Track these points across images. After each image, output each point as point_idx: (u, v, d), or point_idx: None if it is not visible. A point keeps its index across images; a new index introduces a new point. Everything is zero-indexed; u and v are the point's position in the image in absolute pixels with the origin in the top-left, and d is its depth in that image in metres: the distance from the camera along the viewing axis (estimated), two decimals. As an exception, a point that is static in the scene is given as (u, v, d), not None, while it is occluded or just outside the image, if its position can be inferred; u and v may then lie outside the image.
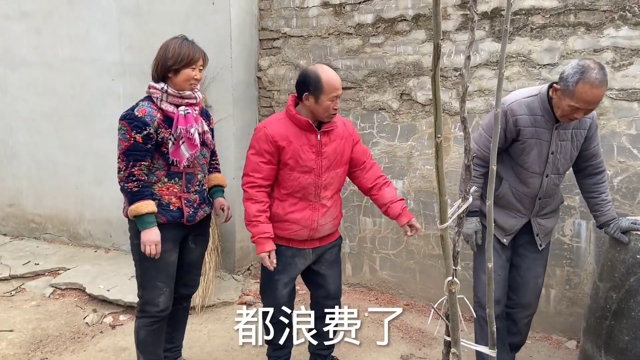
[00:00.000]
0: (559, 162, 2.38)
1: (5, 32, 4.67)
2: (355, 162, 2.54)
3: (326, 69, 2.29)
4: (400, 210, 2.47)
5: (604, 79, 2.11)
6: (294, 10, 3.88)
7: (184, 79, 2.33)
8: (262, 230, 2.33)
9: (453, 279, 1.74)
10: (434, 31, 1.59)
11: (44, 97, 4.62)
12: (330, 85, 2.25)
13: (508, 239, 2.51)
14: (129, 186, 2.30)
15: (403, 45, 3.49)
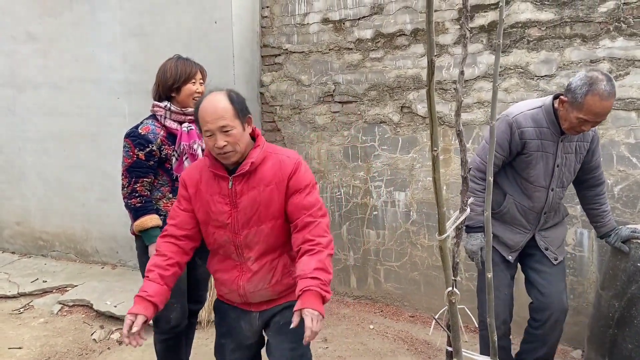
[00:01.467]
0: (564, 175, 2.36)
1: (13, 54, 4.77)
2: (288, 218, 1.91)
3: (210, 96, 1.84)
4: (300, 290, 1.71)
5: (613, 91, 2.09)
6: (294, 27, 3.95)
7: (187, 95, 2.43)
8: (142, 288, 1.83)
9: (453, 290, 1.76)
10: (427, 47, 1.64)
11: (50, 117, 4.70)
12: (200, 118, 1.81)
13: (513, 255, 2.47)
14: (132, 202, 2.37)
15: (402, 60, 3.54)
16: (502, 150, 2.36)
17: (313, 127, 3.96)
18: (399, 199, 3.66)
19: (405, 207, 3.64)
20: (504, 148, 2.35)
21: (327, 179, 3.95)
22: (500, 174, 2.45)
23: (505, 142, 2.34)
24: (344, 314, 3.69)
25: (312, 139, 3.98)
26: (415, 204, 3.60)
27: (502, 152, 2.36)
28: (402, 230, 3.68)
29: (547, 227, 2.46)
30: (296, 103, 4.01)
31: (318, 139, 3.95)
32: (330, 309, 3.79)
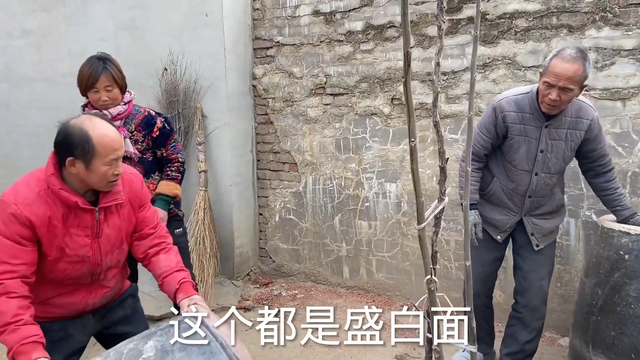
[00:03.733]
0: (550, 162, 2.39)
1: (7, 49, 4.79)
2: (134, 228, 1.96)
3: (97, 124, 1.71)
4: (177, 284, 1.85)
5: (578, 57, 2.15)
6: (286, 20, 3.96)
7: (94, 101, 2.50)
8: (25, 335, 1.59)
9: (432, 278, 1.80)
10: (403, 40, 1.66)
11: (45, 112, 4.72)
12: (106, 147, 1.70)
13: (502, 236, 2.55)
14: None
15: (393, 51, 3.56)
16: (489, 133, 2.46)
17: (305, 120, 3.98)
18: (390, 190, 3.69)
19: (396, 198, 3.67)
20: (491, 131, 2.45)
21: (319, 171, 3.98)
22: (490, 156, 2.54)
23: (491, 125, 2.44)
24: (336, 304, 3.73)
25: (304, 131, 4.00)
26: (406, 194, 3.63)
27: (489, 135, 2.46)
28: (393, 221, 3.71)
29: (537, 213, 2.50)
30: (288, 95, 4.03)
31: (310, 131, 3.98)
32: (324, 299, 3.83)
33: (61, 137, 1.70)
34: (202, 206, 3.85)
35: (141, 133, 2.61)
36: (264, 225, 4.32)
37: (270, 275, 4.29)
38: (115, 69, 2.51)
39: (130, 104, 2.61)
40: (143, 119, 2.62)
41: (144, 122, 2.62)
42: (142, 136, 2.61)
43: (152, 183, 2.68)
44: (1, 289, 1.64)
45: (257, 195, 4.31)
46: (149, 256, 1.96)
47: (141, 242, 1.97)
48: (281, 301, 3.83)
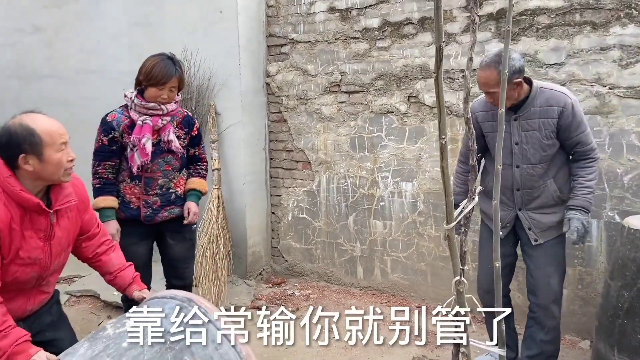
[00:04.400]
0: (528, 152, 2.41)
1: (19, 45, 4.77)
2: (82, 230, 2.02)
3: (35, 117, 1.76)
4: (131, 278, 2.07)
5: (490, 61, 2.31)
6: (301, 16, 3.92)
7: (151, 96, 2.56)
8: (17, 336, 1.63)
9: (461, 279, 1.75)
10: (435, 34, 1.62)
11: (56, 108, 4.67)
12: (52, 133, 1.74)
13: (503, 232, 2.55)
14: (93, 182, 2.62)
15: (410, 49, 3.51)
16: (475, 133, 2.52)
17: (319, 118, 3.94)
18: (406, 190, 3.65)
19: (412, 197, 3.62)
20: (476, 131, 2.52)
21: (333, 170, 3.94)
22: (485, 155, 2.65)
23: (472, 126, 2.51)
24: (350, 304, 3.69)
25: (318, 129, 3.96)
26: (422, 194, 3.58)
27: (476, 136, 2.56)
28: (409, 221, 3.66)
29: (533, 207, 2.49)
30: (302, 93, 3.98)
31: (324, 129, 3.93)
32: (337, 299, 3.79)
33: (5, 139, 1.71)
34: (215, 204, 3.81)
35: (183, 130, 2.72)
36: (276, 224, 4.28)
37: (282, 274, 4.25)
38: (182, 73, 2.63)
39: (178, 103, 2.71)
40: (184, 118, 2.74)
41: (185, 120, 2.74)
42: (184, 133, 2.72)
43: (182, 178, 2.78)
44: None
45: (269, 194, 4.27)
46: (99, 254, 2.07)
47: (90, 242, 2.06)
48: (294, 301, 3.79)
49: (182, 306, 1.73)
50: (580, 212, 2.38)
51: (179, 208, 2.75)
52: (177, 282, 2.83)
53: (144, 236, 2.73)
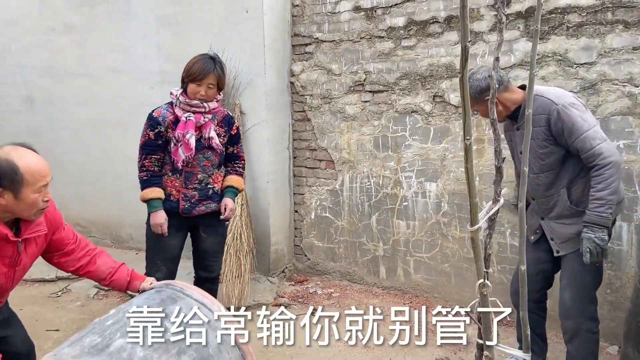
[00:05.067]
0: (530, 162, 2.34)
1: (51, 44, 4.90)
2: (56, 248, 2.02)
3: (24, 153, 1.74)
4: (128, 275, 2.10)
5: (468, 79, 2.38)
6: (325, 16, 3.92)
7: (191, 92, 2.67)
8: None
9: (484, 281, 1.73)
10: (461, 33, 1.60)
11: (87, 107, 4.81)
12: (35, 175, 1.72)
13: (534, 237, 2.53)
14: (140, 175, 2.74)
15: (435, 47, 3.48)
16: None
17: (343, 117, 3.94)
18: (430, 190, 3.62)
19: (437, 198, 3.59)
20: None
21: (356, 169, 3.93)
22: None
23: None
24: (372, 304, 3.68)
25: (342, 128, 3.96)
26: (447, 195, 3.55)
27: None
28: (432, 222, 3.63)
29: (552, 216, 2.42)
30: (326, 92, 3.99)
31: (348, 128, 3.93)
32: (359, 299, 3.79)
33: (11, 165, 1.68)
34: (239, 202, 3.85)
35: (223, 129, 2.81)
36: (299, 223, 4.30)
37: (305, 272, 4.27)
38: (222, 72, 2.71)
39: (219, 102, 2.81)
40: (224, 117, 2.84)
41: (225, 119, 2.84)
42: (224, 132, 2.82)
43: (219, 174, 2.88)
44: None
45: (292, 192, 4.29)
46: (84, 266, 2.06)
47: (68, 258, 2.05)
48: (317, 299, 3.80)
49: (177, 296, 1.82)
50: (590, 228, 2.20)
51: (215, 203, 2.85)
52: (204, 274, 2.95)
53: (179, 229, 2.84)
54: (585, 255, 2.19)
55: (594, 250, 2.19)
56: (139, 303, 1.83)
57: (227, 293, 3.59)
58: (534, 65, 1.84)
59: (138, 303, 1.84)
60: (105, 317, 1.78)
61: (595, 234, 2.18)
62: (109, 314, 1.81)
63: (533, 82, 1.82)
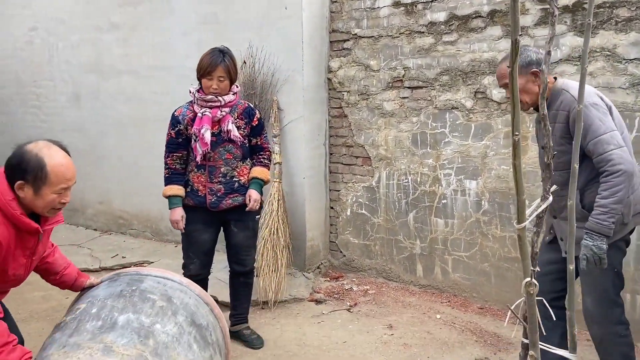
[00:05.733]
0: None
1: (97, 42, 5.06)
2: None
3: (54, 153, 1.76)
4: (77, 273, 2.12)
5: (506, 55, 2.30)
6: (364, 11, 3.91)
7: (205, 87, 2.76)
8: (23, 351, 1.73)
9: (531, 280, 1.69)
10: (511, 27, 1.56)
11: (130, 103, 4.95)
12: (59, 176, 1.74)
13: (549, 237, 2.44)
14: (164, 172, 2.88)
15: (478, 43, 3.42)
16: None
17: (381, 113, 3.92)
18: (470, 188, 3.56)
19: (477, 196, 3.53)
20: None
21: (393, 166, 3.91)
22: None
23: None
24: (409, 302, 3.66)
25: (379, 125, 3.94)
26: (488, 193, 3.48)
27: None
28: (472, 220, 3.57)
29: (563, 216, 2.32)
30: (364, 89, 3.98)
31: (386, 125, 3.91)
32: (396, 296, 3.77)
33: (16, 160, 1.74)
34: (276, 197, 3.88)
35: (243, 121, 2.88)
36: (334, 219, 4.30)
37: (340, 269, 4.28)
38: (231, 63, 2.78)
39: (237, 94, 2.87)
40: (245, 109, 2.90)
41: (245, 111, 2.90)
42: (244, 124, 2.88)
43: (245, 167, 2.93)
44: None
45: (328, 188, 4.30)
46: (46, 257, 2.08)
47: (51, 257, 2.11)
48: (352, 296, 3.80)
49: (138, 278, 2.04)
50: (590, 236, 2.12)
51: (242, 196, 2.90)
52: (238, 268, 3.03)
53: (209, 224, 2.91)
54: (581, 262, 2.13)
55: (591, 259, 2.11)
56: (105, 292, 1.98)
57: (263, 287, 3.63)
58: (586, 60, 1.78)
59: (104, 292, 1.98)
60: (83, 309, 1.88)
61: (593, 242, 2.11)
62: (79, 307, 1.91)
63: (584, 78, 1.76)
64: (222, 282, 3.61)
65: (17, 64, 5.70)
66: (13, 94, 5.83)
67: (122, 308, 1.86)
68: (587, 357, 2.87)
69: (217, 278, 3.66)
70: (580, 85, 1.76)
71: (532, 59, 2.23)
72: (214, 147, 2.78)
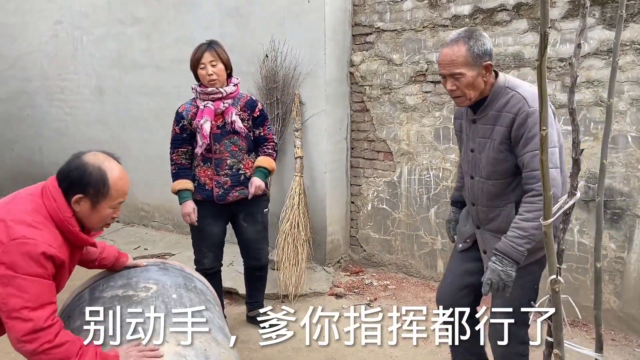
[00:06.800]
0: (481, 163, 2.02)
1: (120, 36, 5.11)
2: None
3: (115, 166, 1.73)
4: (116, 251, 2.07)
5: (458, 37, 1.91)
6: (387, 5, 3.88)
7: (202, 78, 2.79)
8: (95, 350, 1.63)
9: (557, 278, 1.67)
10: (541, 19, 1.54)
11: (152, 96, 5.00)
12: (119, 190, 1.72)
13: (463, 245, 2.22)
14: (170, 169, 2.92)
15: (503, 36, 3.36)
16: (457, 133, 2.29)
17: (403, 108, 3.89)
18: (492, 183, 3.51)
19: (499, 191, 3.49)
20: (459, 142, 2.27)
21: (415, 161, 3.88)
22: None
23: (456, 135, 2.29)
24: (429, 297, 3.64)
25: (401, 119, 3.91)
26: (510, 189, 3.44)
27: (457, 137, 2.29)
28: (494, 216, 3.53)
29: (490, 228, 2.08)
30: (386, 83, 3.95)
31: (408, 119, 3.88)
32: (416, 292, 3.75)
33: (78, 173, 1.66)
34: (297, 191, 3.89)
35: (246, 113, 2.90)
36: (355, 214, 4.30)
37: (360, 264, 4.27)
38: (219, 48, 2.82)
39: (238, 86, 2.90)
40: (247, 102, 2.93)
41: (247, 104, 2.93)
42: (247, 116, 2.91)
43: (250, 160, 2.95)
44: (59, 325, 1.60)
45: (349, 183, 4.29)
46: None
47: None
48: (372, 291, 3.80)
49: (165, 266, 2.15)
50: (500, 259, 1.90)
51: (248, 189, 2.92)
52: (253, 263, 3.09)
53: (218, 216, 2.95)
54: (484, 287, 1.92)
55: (495, 285, 1.90)
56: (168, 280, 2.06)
57: (284, 280, 3.65)
58: (617, 53, 1.74)
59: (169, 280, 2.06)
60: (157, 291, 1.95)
61: (503, 267, 1.89)
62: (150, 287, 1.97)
63: (615, 72, 1.73)
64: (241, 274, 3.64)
65: (43, 58, 5.80)
66: (38, 87, 5.94)
67: (199, 302, 1.97)
68: (612, 357, 2.83)
69: (238, 271, 3.70)
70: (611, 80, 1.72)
71: (487, 49, 1.91)
72: (219, 140, 2.82)
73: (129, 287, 1.94)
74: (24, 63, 5.99)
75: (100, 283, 2.01)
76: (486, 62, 1.90)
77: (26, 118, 6.12)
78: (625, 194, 3.02)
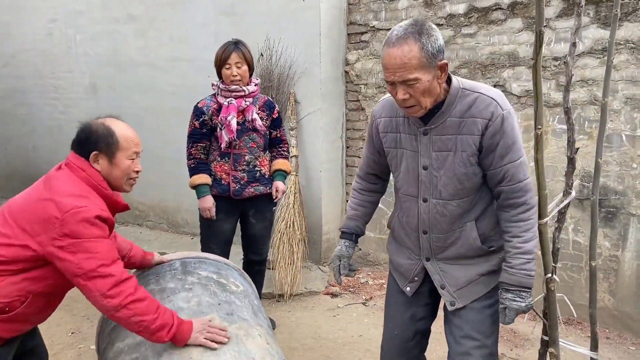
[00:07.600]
0: (439, 182, 1.70)
1: (115, 34, 5.08)
2: None
3: (118, 122, 1.81)
4: (142, 250, 2.11)
5: (406, 33, 1.51)
6: (383, 3, 3.87)
7: (226, 77, 2.83)
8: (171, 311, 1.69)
9: (552, 276, 1.67)
10: (536, 18, 1.54)
11: (147, 95, 4.98)
12: (128, 140, 1.77)
13: (411, 287, 1.86)
14: (188, 163, 2.91)
15: (497, 35, 3.36)
16: (368, 147, 1.92)
17: (398, 106, 3.88)
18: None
19: (494, 190, 3.49)
20: (369, 145, 1.90)
21: (411, 160, 3.88)
22: (396, 184, 1.89)
23: (369, 137, 1.89)
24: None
25: (397, 118, 3.90)
26: (505, 187, 3.44)
27: (370, 150, 1.92)
28: (489, 215, 3.54)
29: (445, 256, 1.79)
30: (381, 82, 3.95)
31: (403, 118, 3.87)
32: (411, 290, 3.75)
33: (85, 134, 1.76)
34: (292, 190, 3.89)
35: (265, 113, 2.96)
36: (351, 213, 4.29)
37: (355, 263, 4.27)
38: (245, 49, 2.85)
39: (258, 86, 2.95)
40: (265, 102, 2.99)
41: (266, 104, 2.98)
42: (266, 116, 2.96)
43: (265, 158, 3.01)
44: (136, 280, 1.66)
45: (345, 182, 4.29)
46: None
47: None
48: (367, 290, 3.80)
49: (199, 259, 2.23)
50: (518, 294, 1.64)
51: (263, 186, 2.96)
52: (254, 257, 3.13)
53: (230, 213, 2.98)
54: (503, 321, 1.68)
55: (514, 317, 1.67)
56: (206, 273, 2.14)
57: (279, 280, 3.64)
58: (612, 52, 1.75)
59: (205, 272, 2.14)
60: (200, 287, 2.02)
61: (523, 300, 1.64)
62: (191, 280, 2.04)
63: (610, 70, 1.74)
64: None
65: (37, 56, 5.76)
66: (32, 85, 5.90)
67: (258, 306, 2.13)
68: (607, 355, 2.84)
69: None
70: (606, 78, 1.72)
71: (441, 44, 1.55)
72: (239, 136, 2.86)
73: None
74: (17, 61, 5.95)
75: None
76: (441, 62, 1.56)
77: (20, 116, 6.08)
78: (619, 193, 3.03)
